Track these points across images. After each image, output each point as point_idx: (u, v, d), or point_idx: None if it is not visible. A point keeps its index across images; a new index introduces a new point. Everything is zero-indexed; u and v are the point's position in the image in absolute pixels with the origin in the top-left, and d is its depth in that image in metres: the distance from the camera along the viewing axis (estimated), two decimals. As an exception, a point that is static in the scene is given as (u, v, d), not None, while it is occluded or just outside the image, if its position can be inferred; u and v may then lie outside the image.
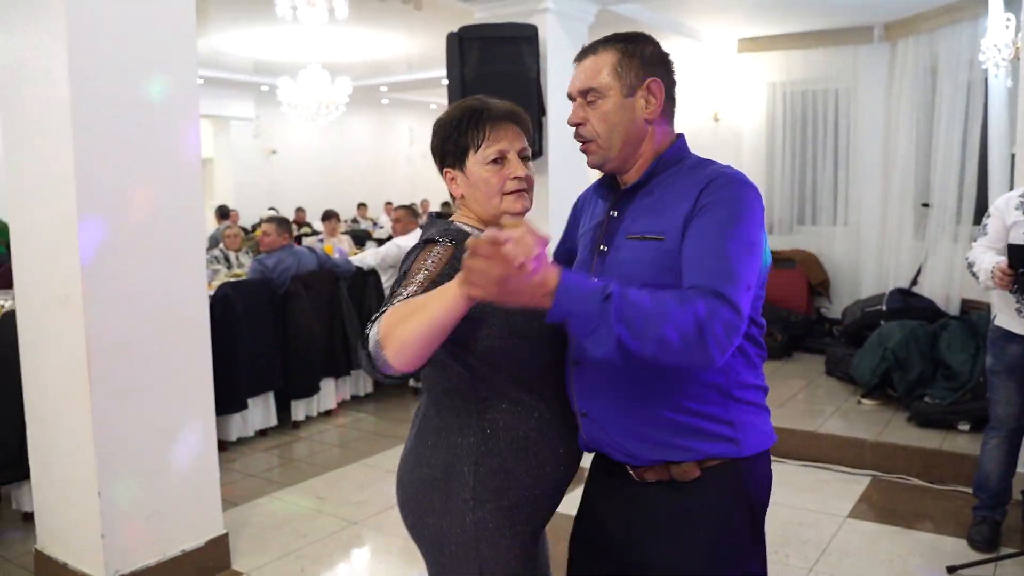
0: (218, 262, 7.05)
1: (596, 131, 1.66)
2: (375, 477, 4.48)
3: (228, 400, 4.88)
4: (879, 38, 6.73)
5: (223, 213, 11.46)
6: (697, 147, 1.81)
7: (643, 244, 1.58)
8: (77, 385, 2.94)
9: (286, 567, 3.40)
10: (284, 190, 14.31)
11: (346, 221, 13.45)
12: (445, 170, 1.72)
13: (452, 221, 1.73)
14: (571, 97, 1.72)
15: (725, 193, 1.53)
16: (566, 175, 5.38)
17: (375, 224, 13.78)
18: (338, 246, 7.89)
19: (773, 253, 7.22)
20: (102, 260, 2.90)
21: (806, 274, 6.98)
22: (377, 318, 1.43)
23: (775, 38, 7.18)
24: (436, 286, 1.43)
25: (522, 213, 1.71)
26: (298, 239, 10.19)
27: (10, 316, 3.39)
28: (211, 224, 11.72)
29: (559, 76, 5.31)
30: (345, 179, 15.71)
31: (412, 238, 6.19)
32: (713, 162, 1.66)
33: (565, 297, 1.31)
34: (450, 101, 4.89)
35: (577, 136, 1.70)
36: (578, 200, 1.95)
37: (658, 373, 1.51)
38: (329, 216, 8.92)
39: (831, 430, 4.66)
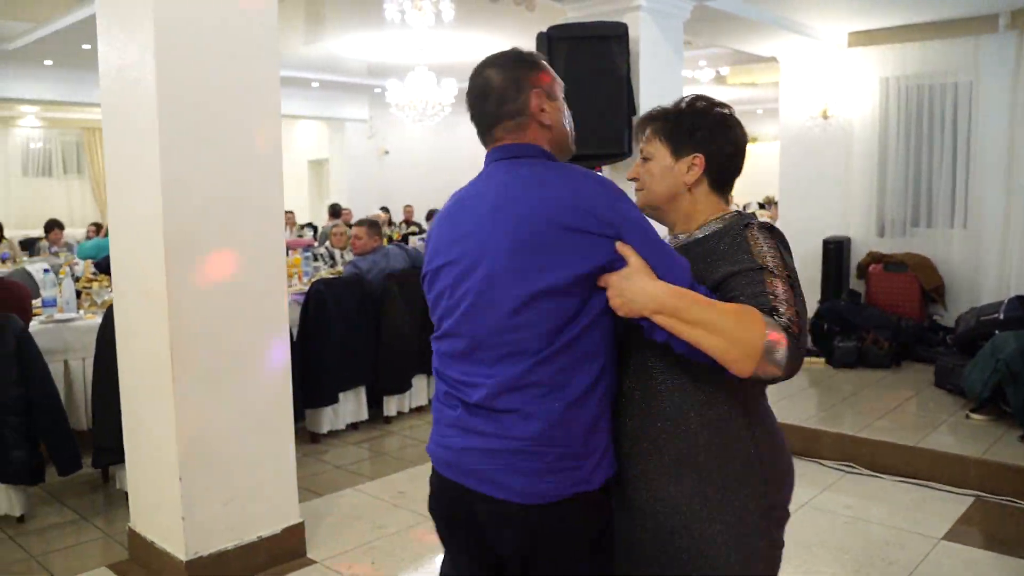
0: (322, 259, 7.29)
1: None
2: (455, 474, 4.52)
3: (319, 393, 5.05)
4: (1004, 27, 6.29)
5: (335, 211, 11.85)
6: (805, 146, 1.82)
7: None
8: (161, 374, 3.10)
9: (358, 558, 3.48)
10: (396, 189, 14.65)
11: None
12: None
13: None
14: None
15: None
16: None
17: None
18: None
19: (884, 256, 6.90)
20: (184, 254, 3.05)
21: (919, 279, 6.61)
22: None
23: (889, 30, 6.83)
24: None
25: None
26: (405, 237, 10.44)
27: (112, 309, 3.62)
28: (325, 222, 12.14)
29: (652, 75, 5.23)
30: (456, 178, 15.75)
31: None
32: None
33: None
34: (539, 101, 4.88)
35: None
36: None
37: None
38: (432, 215, 9.07)
39: (933, 445, 4.39)
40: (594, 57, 4.78)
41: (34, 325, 4.41)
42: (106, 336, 3.88)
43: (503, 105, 1.63)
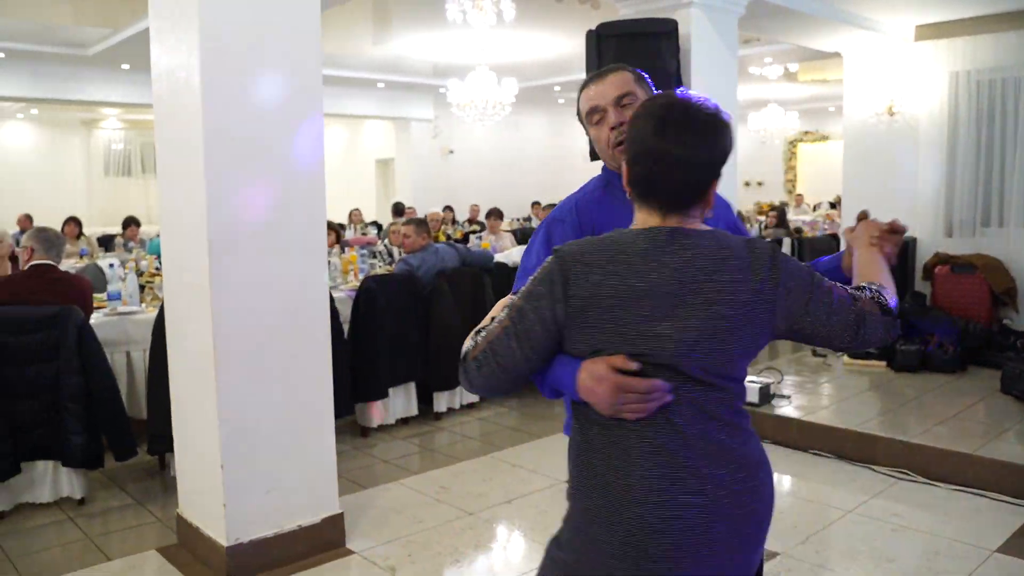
0: (380, 257, 7.41)
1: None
2: (500, 471, 4.55)
3: (369, 388, 5.13)
4: (1083, 17, 6.02)
5: (398, 210, 12.01)
6: (871, 142, 1.82)
7: None
8: (205, 366, 3.20)
9: (396, 550, 3.54)
10: (460, 188, 14.77)
11: (519, 219, 13.71)
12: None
13: None
14: (601, 109, 1.85)
15: None
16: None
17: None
18: (495, 243, 8.07)
19: (952, 257, 6.65)
20: (228, 250, 3.15)
21: (988, 281, 6.35)
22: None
23: (959, 23, 6.59)
24: None
25: None
26: (466, 236, 10.52)
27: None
28: (389, 220, 12.32)
29: (705, 70, 5.17)
30: (520, 178, 15.99)
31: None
32: None
33: None
34: (588, 99, 4.87)
35: (617, 139, 1.82)
36: (577, 214, 1.90)
37: None
38: (492, 214, 9.13)
39: (993, 453, 4.22)
40: (643, 54, 4.74)
41: (98, 317, 4.60)
42: (161, 329, 4.02)
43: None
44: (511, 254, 6.81)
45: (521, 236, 10.25)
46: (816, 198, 16.15)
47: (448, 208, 13.23)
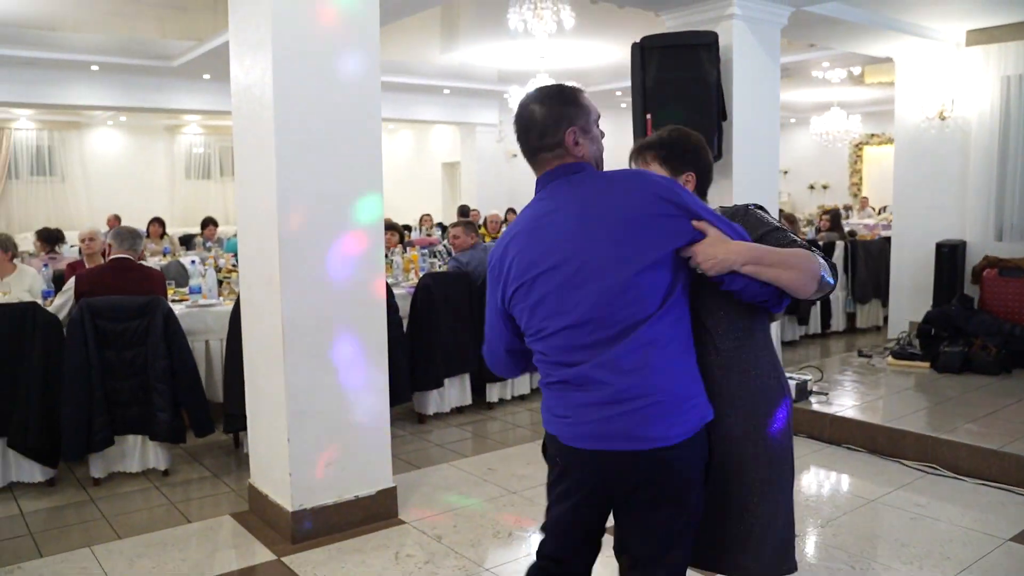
0: (440, 256, 7.79)
1: None
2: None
3: (426, 378, 5.51)
4: None
5: (463, 212, 12.42)
6: (921, 147, 2.09)
7: None
8: (275, 352, 3.61)
9: (443, 521, 3.88)
10: (523, 191, 15.10)
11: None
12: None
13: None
14: None
15: None
16: (748, 175, 5.45)
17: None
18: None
19: (1001, 261, 6.70)
20: (297, 246, 3.54)
21: (1036, 285, 6.40)
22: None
23: (1010, 27, 6.64)
24: None
25: None
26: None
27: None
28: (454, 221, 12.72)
29: (746, 81, 5.38)
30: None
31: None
32: None
33: None
34: (633, 107, 5.16)
35: None
36: None
37: None
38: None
39: (1020, 451, 4.35)
40: (684, 65, 5.01)
41: (180, 309, 5.07)
42: (236, 320, 4.45)
43: (543, 139, 1.94)
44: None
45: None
46: (882, 201, 15.98)
47: (511, 210, 13.60)
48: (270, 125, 3.47)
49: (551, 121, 1.93)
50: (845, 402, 5.37)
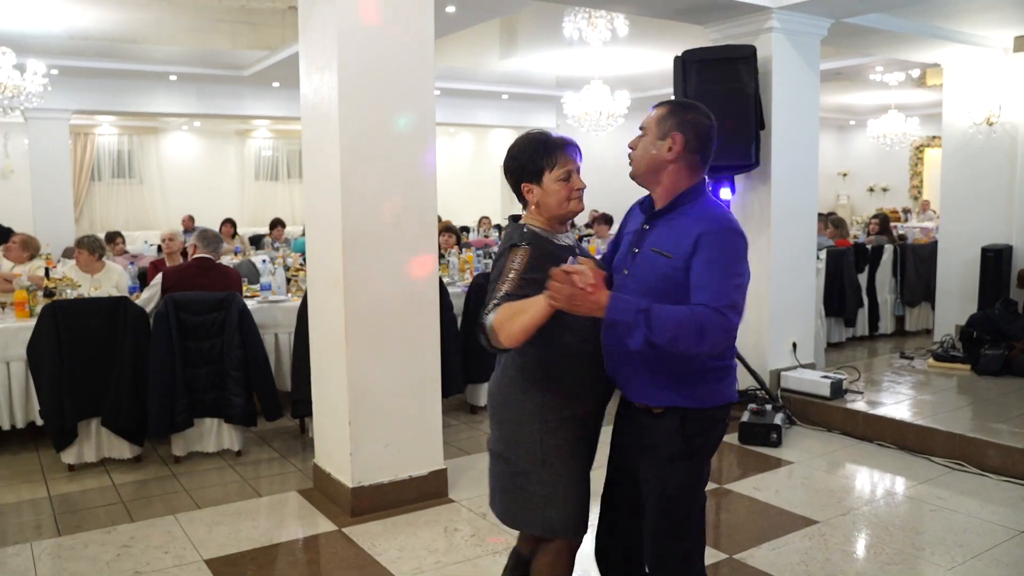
0: (492, 257, 8.15)
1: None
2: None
3: (478, 370, 5.85)
4: None
5: (515, 218, 12.74)
6: (968, 152, 2.31)
7: (658, 256, 2.17)
8: (338, 343, 3.99)
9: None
10: (584, 195, 15.37)
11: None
12: (523, 184, 2.40)
13: (524, 224, 2.40)
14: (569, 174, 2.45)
15: (718, 240, 2.13)
16: (788, 182, 5.67)
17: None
18: (600, 247, 8.65)
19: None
20: (358, 248, 3.92)
21: (1080, 289, 6.45)
22: (489, 311, 2.21)
23: (1061, 33, 6.70)
24: (523, 279, 2.23)
25: (579, 212, 2.46)
26: (581, 239, 11.15)
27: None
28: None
29: (786, 91, 5.60)
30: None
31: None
32: (718, 209, 2.24)
33: (613, 310, 2.04)
34: (674, 117, 5.42)
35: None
36: (628, 210, 2.52)
37: (658, 355, 2.16)
38: (598, 220, 9.72)
39: (1046, 448, 4.50)
40: (723, 77, 5.26)
41: (252, 304, 5.51)
42: (303, 314, 4.87)
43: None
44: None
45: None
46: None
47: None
48: (336, 139, 3.85)
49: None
50: (879, 400, 5.55)
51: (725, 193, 5.41)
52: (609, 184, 15.67)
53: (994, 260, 7.06)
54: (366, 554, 3.61)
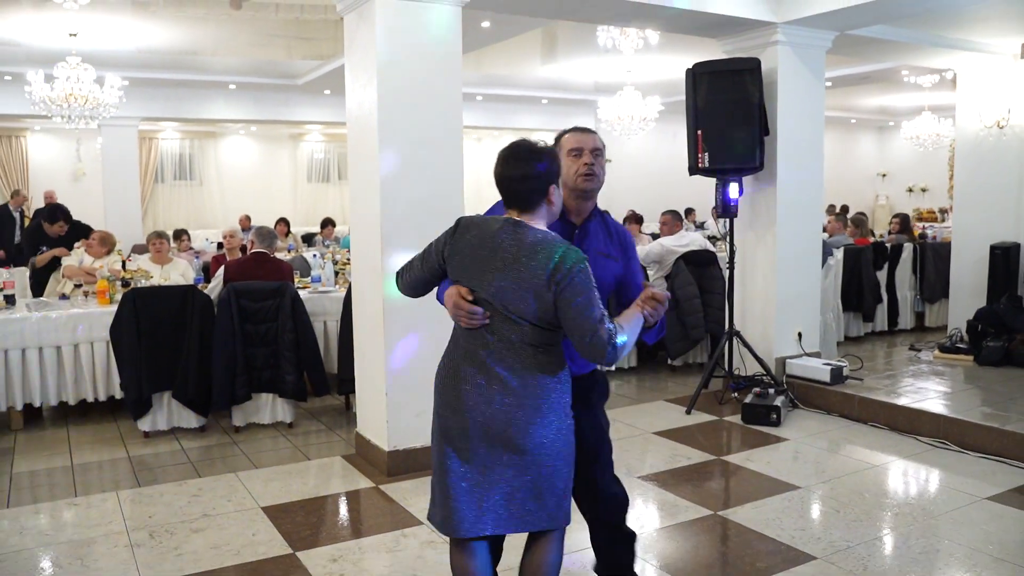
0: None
1: (597, 174, 2.70)
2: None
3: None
4: None
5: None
6: (977, 156, 2.78)
7: (607, 259, 2.69)
8: (377, 326, 4.58)
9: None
10: (619, 195, 15.85)
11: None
12: (552, 186, 2.52)
13: (555, 234, 2.54)
14: (579, 150, 2.70)
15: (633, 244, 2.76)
16: (793, 183, 6.13)
17: (696, 227, 14.80)
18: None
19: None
20: (395, 242, 4.49)
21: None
22: (612, 328, 2.26)
23: (1064, 42, 7.00)
24: None
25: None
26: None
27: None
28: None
29: (791, 99, 6.05)
30: (676, 185, 16.82)
31: (676, 239, 7.25)
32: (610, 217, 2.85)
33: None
34: (687, 125, 5.92)
35: (588, 172, 2.68)
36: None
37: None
38: (628, 219, 10.20)
39: (1021, 428, 4.88)
40: (730, 87, 5.74)
41: (304, 294, 6.15)
42: (348, 303, 5.46)
43: None
44: (647, 251, 7.67)
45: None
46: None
47: (605, 212, 14.38)
48: (376, 149, 4.44)
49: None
50: (876, 386, 5.97)
51: (732, 191, 5.87)
52: (643, 184, 16.23)
53: (1002, 257, 7.39)
54: (398, 505, 4.19)
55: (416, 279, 2.63)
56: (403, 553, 3.61)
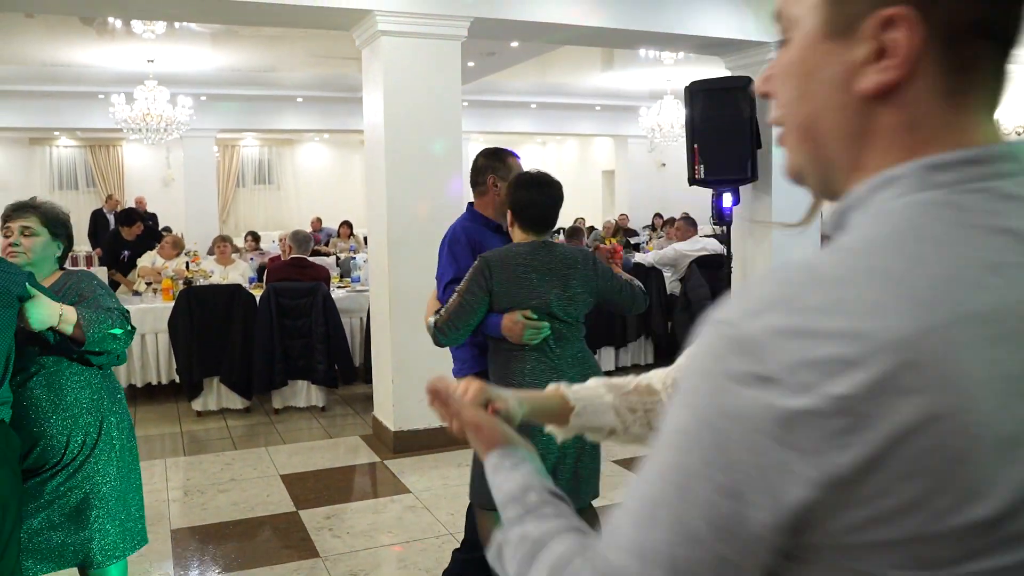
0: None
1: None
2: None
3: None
4: None
5: (572, 232, 13.76)
6: None
7: None
8: (385, 319, 5.25)
9: (502, 449, 5.37)
10: (672, 199, 16.20)
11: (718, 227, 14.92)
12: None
13: None
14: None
15: None
16: (786, 192, 6.52)
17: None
18: (658, 245, 9.60)
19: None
20: (400, 244, 5.14)
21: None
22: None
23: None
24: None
25: None
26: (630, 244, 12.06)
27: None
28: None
29: (785, 113, 6.45)
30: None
31: (690, 244, 7.71)
32: None
33: None
34: (687, 140, 6.39)
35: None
36: (473, 237, 3.25)
37: None
38: (663, 222, 10.64)
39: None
40: (723, 104, 6.18)
41: (342, 293, 6.88)
42: (373, 299, 6.15)
43: None
44: (660, 255, 8.17)
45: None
46: None
47: (658, 215, 14.79)
48: (383, 164, 5.11)
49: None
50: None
51: (726, 201, 6.31)
52: (698, 189, 16.53)
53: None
54: (396, 477, 4.84)
55: (469, 325, 2.83)
56: (385, 515, 4.26)
